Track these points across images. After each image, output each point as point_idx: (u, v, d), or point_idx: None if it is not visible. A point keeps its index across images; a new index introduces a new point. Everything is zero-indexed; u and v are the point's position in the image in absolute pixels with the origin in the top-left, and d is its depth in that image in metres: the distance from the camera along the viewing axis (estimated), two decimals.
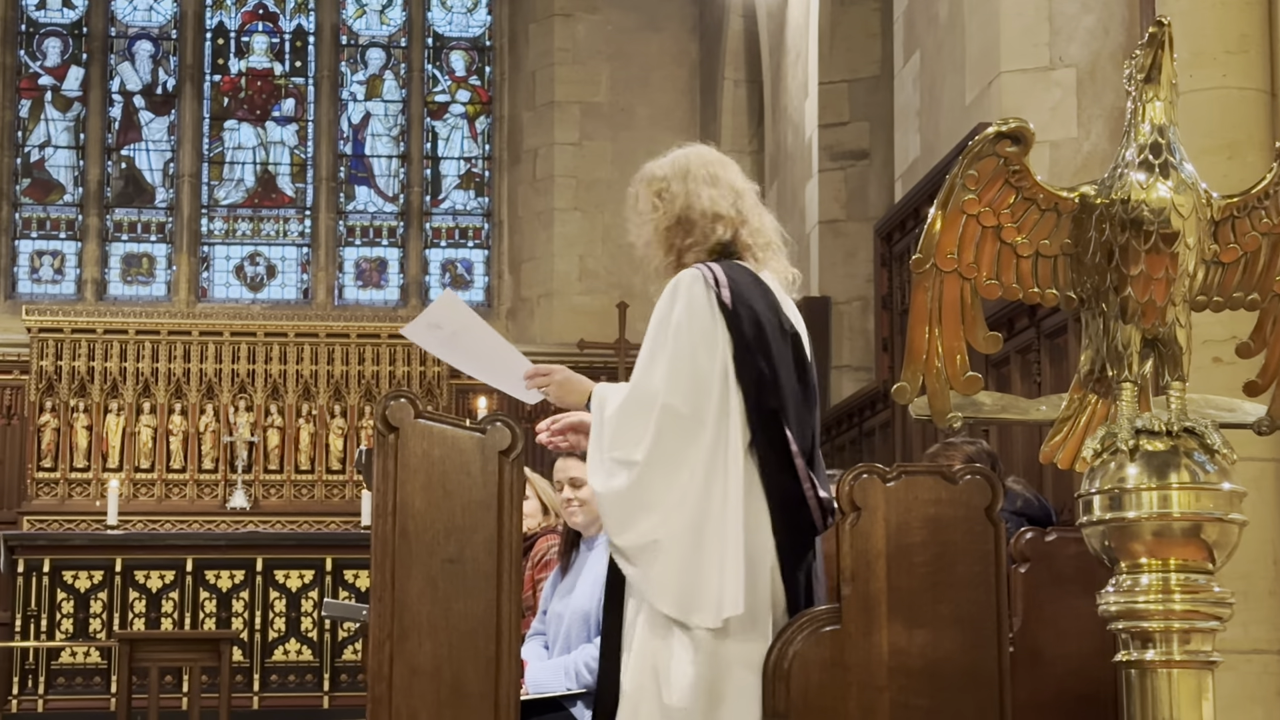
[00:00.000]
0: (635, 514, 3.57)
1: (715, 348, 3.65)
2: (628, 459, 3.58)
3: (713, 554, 3.54)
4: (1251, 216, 2.83)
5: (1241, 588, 4.78)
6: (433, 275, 14.68)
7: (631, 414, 3.61)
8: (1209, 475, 2.67)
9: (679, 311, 3.67)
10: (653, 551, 3.55)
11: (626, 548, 3.58)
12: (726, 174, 3.90)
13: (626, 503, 3.57)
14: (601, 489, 3.61)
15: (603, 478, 3.61)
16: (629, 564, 3.60)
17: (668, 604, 3.55)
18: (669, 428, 3.58)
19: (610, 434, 3.62)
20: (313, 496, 13.06)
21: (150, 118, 14.56)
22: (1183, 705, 2.67)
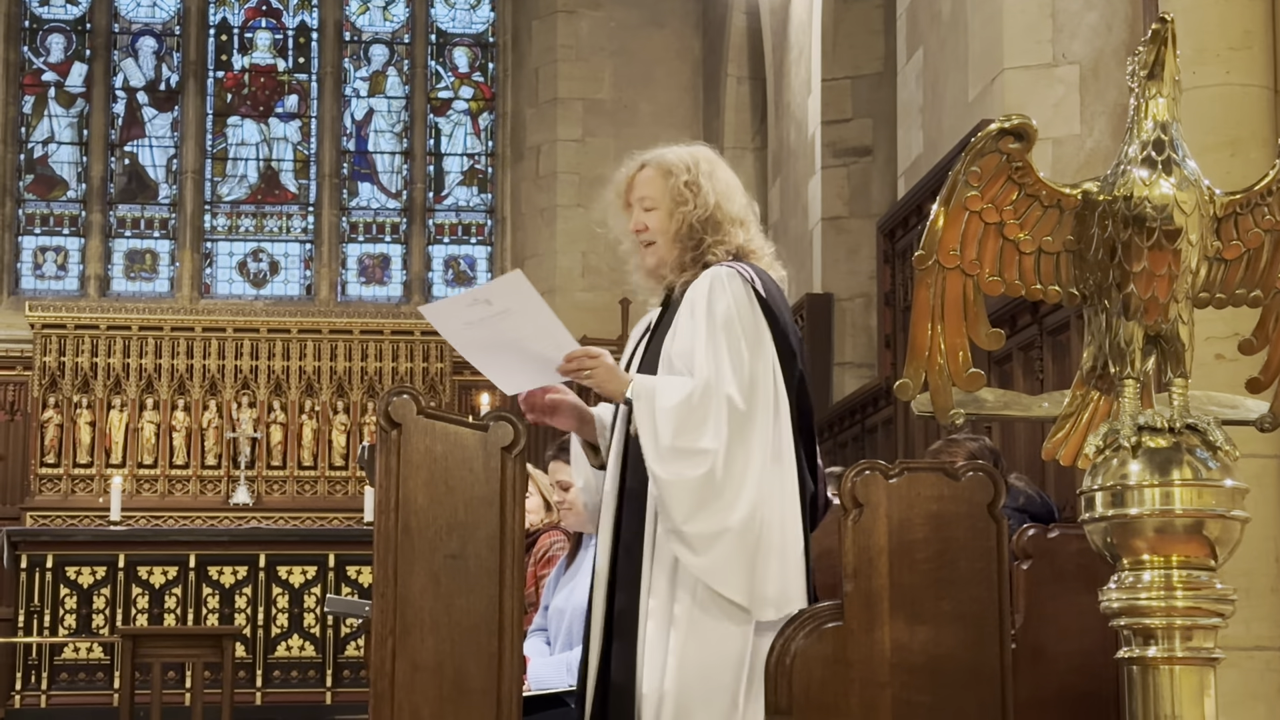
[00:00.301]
0: (706, 502, 3.61)
1: (763, 346, 3.73)
2: (696, 448, 3.62)
3: (774, 549, 3.62)
4: (1254, 213, 2.82)
5: (1243, 584, 4.77)
6: (435, 271, 14.69)
7: (696, 404, 3.65)
8: (1211, 472, 2.67)
9: (727, 306, 3.73)
10: (722, 540, 3.60)
11: (695, 535, 3.60)
12: (735, 178, 3.98)
13: (697, 491, 3.61)
14: (669, 477, 3.61)
15: (668, 466, 3.62)
16: (693, 553, 3.61)
17: (738, 592, 3.61)
18: (732, 420, 3.64)
19: (674, 424, 3.63)
20: (315, 492, 13.07)
21: (153, 114, 14.57)
22: (1185, 702, 2.67)
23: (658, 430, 3.64)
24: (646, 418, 3.65)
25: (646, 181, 3.90)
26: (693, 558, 3.62)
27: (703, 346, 3.70)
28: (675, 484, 3.61)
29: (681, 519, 3.61)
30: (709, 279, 3.78)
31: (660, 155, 3.93)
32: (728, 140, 13.39)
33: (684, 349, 3.75)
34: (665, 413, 3.64)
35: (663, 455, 3.63)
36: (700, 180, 3.87)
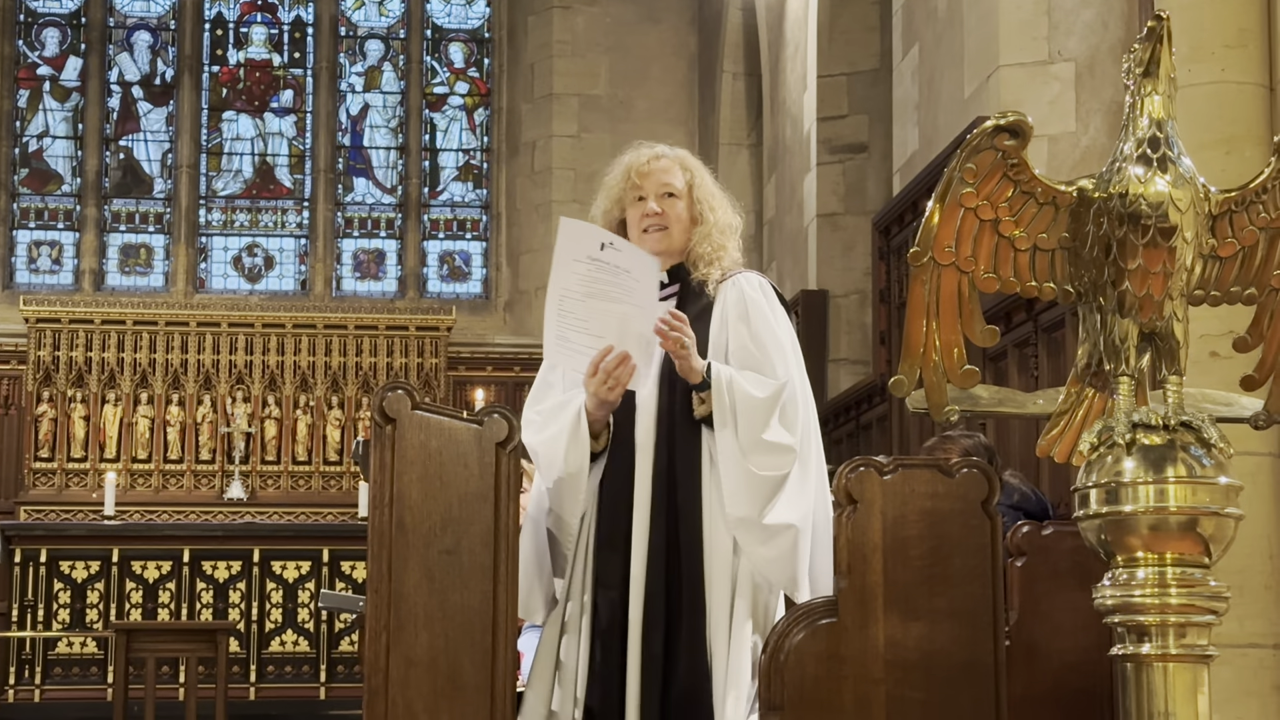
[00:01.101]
0: (780, 498, 3.75)
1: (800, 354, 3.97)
2: (783, 444, 3.78)
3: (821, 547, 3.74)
4: (1249, 211, 2.82)
5: (1237, 582, 4.78)
6: (430, 267, 14.69)
7: (784, 403, 3.81)
8: (1206, 470, 2.67)
9: (781, 312, 3.98)
10: (787, 534, 3.74)
11: (769, 526, 3.73)
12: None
13: (778, 486, 3.76)
14: (757, 469, 3.74)
15: (756, 458, 3.75)
16: (762, 544, 3.74)
17: (789, 585, 3.76)
18: (805, 423, 3.85)
19: (765, 418, 3.77)
20: (310, 488, 13.07)
21: (148, 108, 14.56)
22: (1178, 699, 2.67)
23: (747, 421, 3.76)
24: (730, 407, 3.77)
25: (666, 170, 4.01)
26: (759, 548, 3.75)
27: (773, 348, 3.88)
28: (761, 477, 3.74)
29: (760, 511, 3.73)
30: (755, 283, 3.97)
31: (676, 150, 4.07)
32: (723, 136, 13.39)
33: (743, 346, 3.89)
34: (758, 406, 3.77)
35: (749, 447, 3.75)
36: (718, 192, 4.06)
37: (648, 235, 3.96)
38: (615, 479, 3.88)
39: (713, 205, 4.00)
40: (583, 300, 3.83)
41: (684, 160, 4.03)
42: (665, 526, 3.81)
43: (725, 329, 3.92)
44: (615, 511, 3.87)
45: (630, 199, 4.00)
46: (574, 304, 3.85)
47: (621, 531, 3.84)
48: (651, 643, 3.77)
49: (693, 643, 3.76)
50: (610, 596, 3.82)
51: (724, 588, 3.79)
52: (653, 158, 4.01)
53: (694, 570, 3.80)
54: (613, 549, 3.85)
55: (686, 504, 3.82)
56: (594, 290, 3.82)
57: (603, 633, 3.83)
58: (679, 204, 3.97)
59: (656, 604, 3.79)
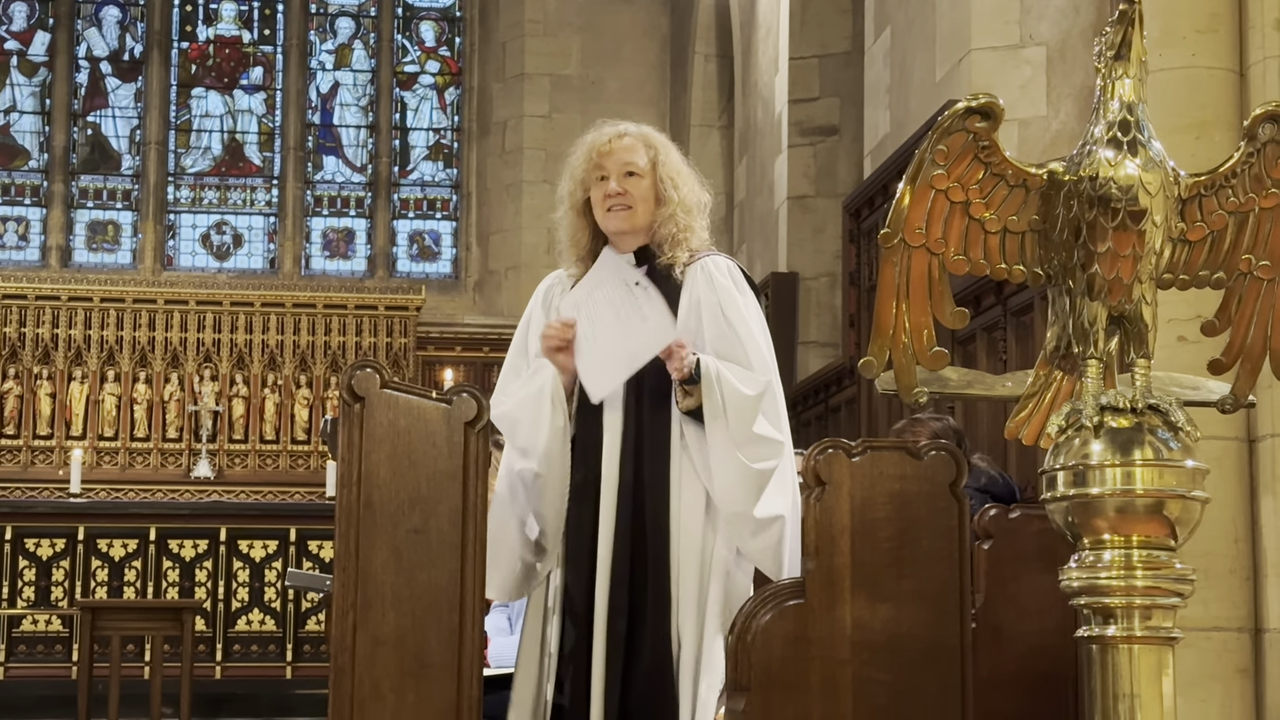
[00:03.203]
0: (771, 490, 3.78)
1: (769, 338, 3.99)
2: (773, 438, 3.82)
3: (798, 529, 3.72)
4: (1219, 195, 2.83)
5: (1203, 565, 4.81)
6: (400, 246, 14.65)
7: (769, 397, 3.84)
8: (1172, 453, 2.67)
9: (752, 301, 3.97)
10: (776, 525, 3.78)
11: (761, 519, 3.77)
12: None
13: (769, 478, 3.79)
14: (750, 463, 3.77)
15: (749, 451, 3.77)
16: (754, 536, 3.78)
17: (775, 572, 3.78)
18: (784, 413, 3.89)
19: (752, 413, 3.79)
20: (277, 467, 13.04)
21: (117, 84, 14.47)
22: (1143, 681, 2.67)
23: (737, 416, 3.77)
24: (720, 401, 3.77)
25: (629, 149, 3.96)
26: (751, 541, 3.79)
27: (749, 339, 3.89)
28: (753, 470, 3.77)
29: (752, 504, 3.76)
30: (724, 268, 3.94)
31: (641, 128, 4.03)
32: (695, 118, 13.38)
33: (721, 336, 3.88)
34: (746, 400, 3.79)
35: (741, 440, 3.77)
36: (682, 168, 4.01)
37: (612, 214, 3.93)
38: (584, 463, 3.87)
39: (678, 183, 3.95)
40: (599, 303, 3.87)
41: (648, 138, 3.98)
42: (632, 511, 3.81)
43: (694, 315, 3.89)
44: (584, 495, 3.87)
45: (593, 179, 3.96)
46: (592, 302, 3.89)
47: (590, 514, 3.84)
48: (616, 625, 3.77)
49: (657, 625, 3.77)
50: (579, 576, 3.83)
51: (693, 572, 3.79)
52: (615, 136, 3.97)
53: (660, 554, 3.80)
54: (580, 531, 3.85)
55: (654, 488, 3.82)
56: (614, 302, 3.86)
57: (572, 613, 3.84)
58: (643, 183, 3.92)
59: (621, 587, 3.79)
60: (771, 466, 3.80)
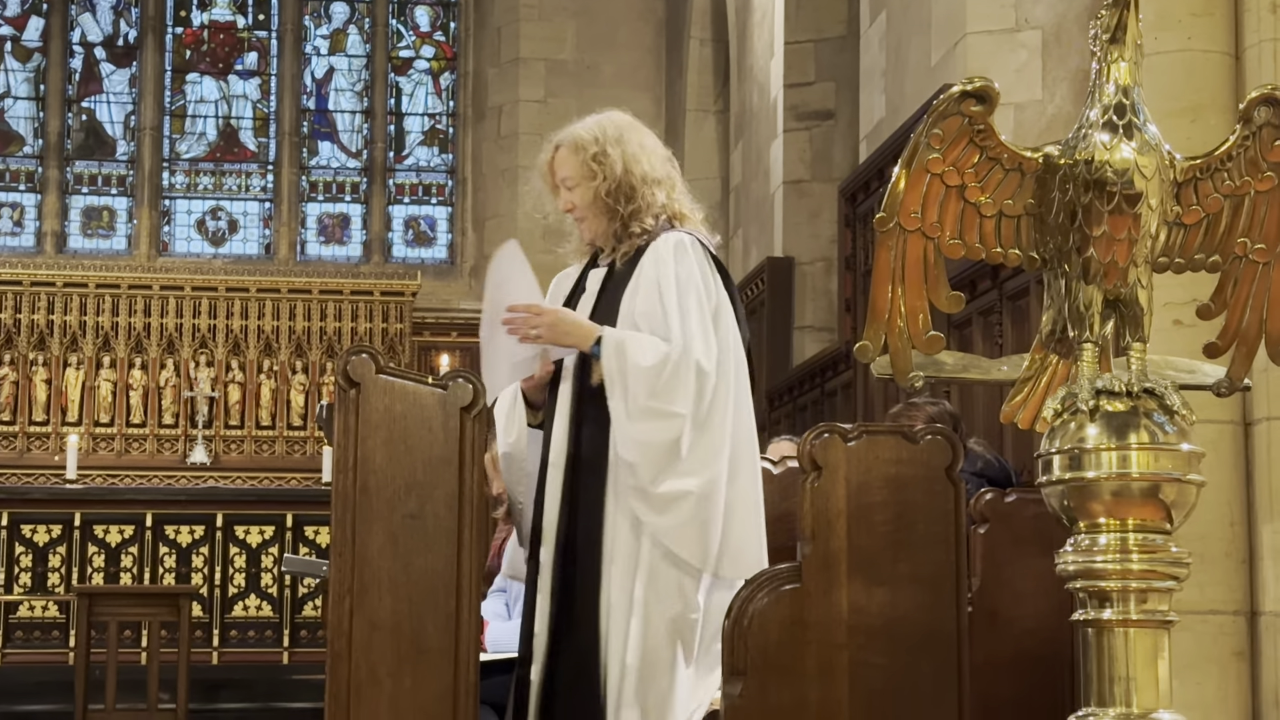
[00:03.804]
0: (674, 464, 3.67)
1: (725, 315, 3.82)
2: (670, 410, 3.68)
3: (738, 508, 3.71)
4: (1214, 178, 2.83)
5: (1198, 549, 4.81)
6: (395, 232, 14.64)
7: (672, 367, 3.70)
8: (1168, 436, 2.68)
9: (691, 273, 3.80)
10: (685, 502, 3.67)
11: (661, 495, 3.66)
12: (652, 140, 4.00)
13: (667, 452, 3.67)
14: (642, 436, 3.68)
15: (641, 425, 3.68)
16: (656, 513, 3.68)
17: (695, 554, 3.68)
18: (701, 384, 3.71)
19: (648, 384, 3.69)
20: (273, 452, 13.04)
21: (111, 69, 14.45)
22: (1139, 664, 2.68)
23: (632, 387, 3.68)
24: (618, 373, 3.70)
25: (563, 162, 3.95)
26: (655, 518, 3.68)
27: (674, 311, 3.75)
28: (647, 444, 3.67)
29: (649, 479, 3.67)
30: (670, 244, 3.82)
31: (570, 133, 3.97)
32: (690, 102, 13.36)
33: (649, 310, 3.78)
34: (642, 371, 3.69)
35: (635, 413, 3.68)
36: (607, 149, 3.90)
37: (578, 228, 3.99)
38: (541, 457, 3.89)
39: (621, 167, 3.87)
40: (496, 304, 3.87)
41: (577, 140, 3.92)
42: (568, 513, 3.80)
43: (636, 294, 3.84)
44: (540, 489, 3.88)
45: (555, 196, 4.00)
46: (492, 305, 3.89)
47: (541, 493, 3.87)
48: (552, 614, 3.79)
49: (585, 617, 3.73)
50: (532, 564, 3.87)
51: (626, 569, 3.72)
52: (552, 150, 3.97)
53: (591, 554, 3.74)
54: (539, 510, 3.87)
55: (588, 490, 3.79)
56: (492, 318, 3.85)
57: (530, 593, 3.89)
58: (578, 192, 3.91)
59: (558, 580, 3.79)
60: (668, 439, 3.67)
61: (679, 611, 3.69)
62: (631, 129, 3.97)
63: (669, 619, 3.68)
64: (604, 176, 3.87)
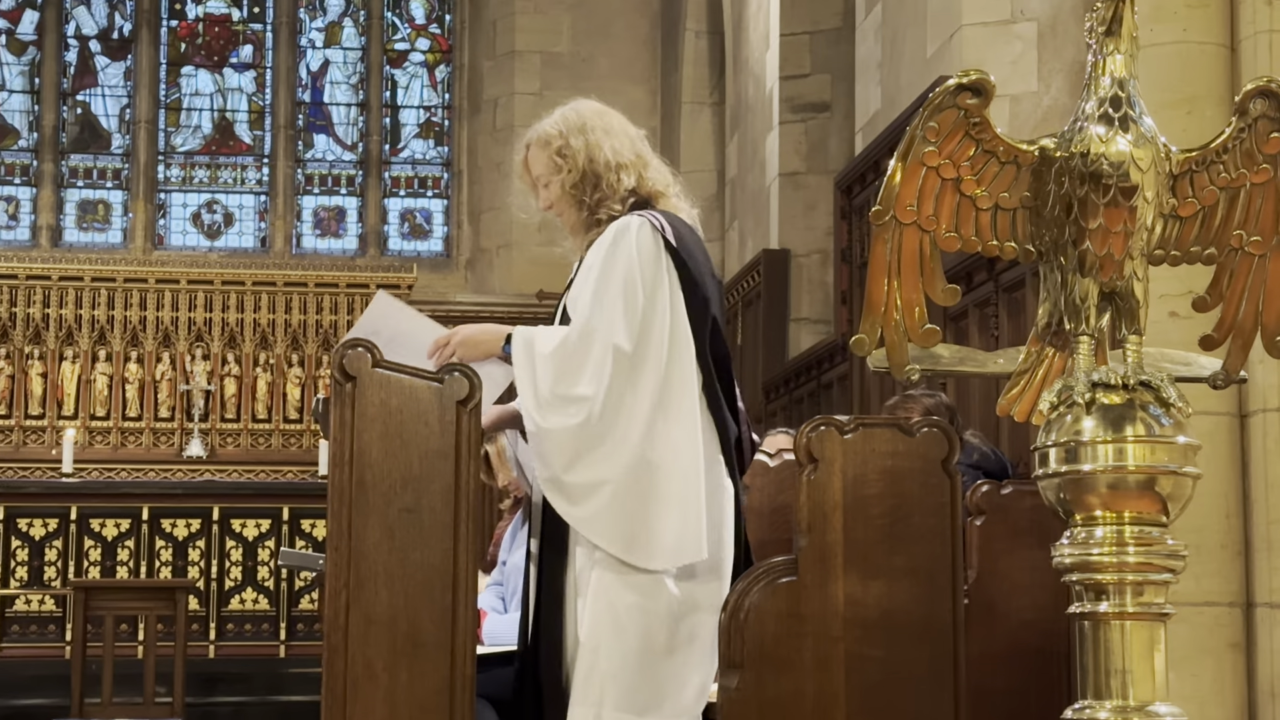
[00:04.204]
0: (583, 451, 3.55)
1: (662, 292, 3.66)
2: (575, 394, 3.56)
3: (668, 496, 3.55)
4: (1210, 171, 2.83)
5: (1194, 541, 4.82)
6: (391, 225, 14.63)
7: (574, 351, 3.60)
8: (1164, 429, 2.68)
9: (629, 255, 3.68)
10: (601, 491, 3.55)
11: (574, 484, 3.55)
12: (619, 122, 3.93)
13: (574, 440, 3.55)
14: (546, 425, 3.56)
15: (546, 414, 3.56)
16: (570, 503, 3.57)
17: (616, 545, 3.56)
18: (616, 366, 3.57)
19: (553, 370, 3.58)
20: (270, 445, 13.03)
21: (106, 63, 14.42)
22: (1135, 657, 2.68)
23: (536, 378, 3.59)
24: (525, 367, 3.60)
25: (533, 160, 3.92)
26: (570, 508, 3.58)
27: (589, 293, 3.67)
28: (553, 432, 3.55)
29: (561, 468, 3.56)
30: (614, 229, 3.75)
31: (536, 129, 3.93)
32: (686, 95, 13.35)
33: (578, 296, 3.73)
34: (543, 359, 3.59)
35: (541, 403, 3.57)
36: (570, 140, 3.85)
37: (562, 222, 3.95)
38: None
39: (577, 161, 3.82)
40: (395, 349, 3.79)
41: (542, 136, 3.89)
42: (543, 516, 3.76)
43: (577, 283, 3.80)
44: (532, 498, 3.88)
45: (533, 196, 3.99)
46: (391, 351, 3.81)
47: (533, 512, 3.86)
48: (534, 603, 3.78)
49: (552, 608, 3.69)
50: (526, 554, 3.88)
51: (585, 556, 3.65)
52: (523, 151, 3.95)
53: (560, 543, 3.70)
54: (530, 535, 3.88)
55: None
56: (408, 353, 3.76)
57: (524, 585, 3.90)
58: (549, 190, 3.88)
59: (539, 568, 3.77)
60: (573, 424, 3.54)
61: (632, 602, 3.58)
62: (596, 115, 3.90)
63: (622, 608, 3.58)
64: (569, 169, 3.82)
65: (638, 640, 3.57)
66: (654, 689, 3.57)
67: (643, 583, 3.58)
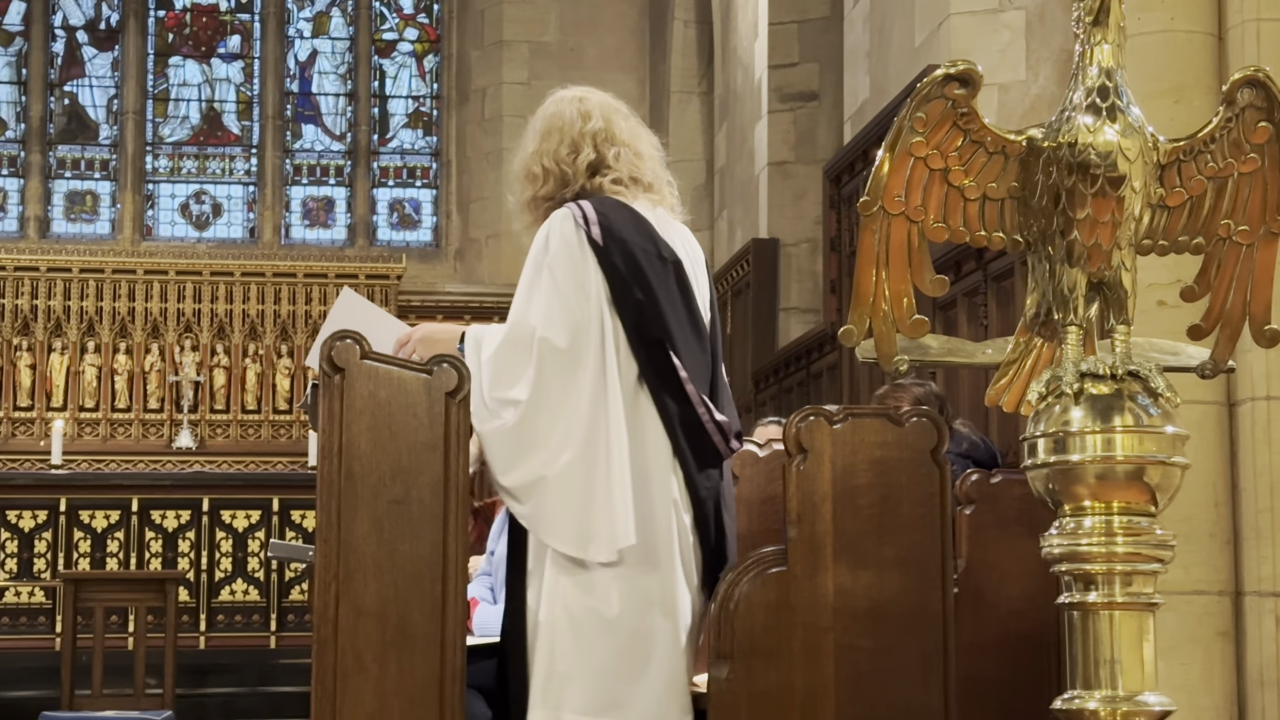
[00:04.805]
0: (521, 452, 3.54)
1: (588, 282, 3.63)
2: (509, 398, 3.55)
3: (601, 487, 3.53)
4: (1197, 160, 2.83)
5: (1183, 530, 4.83)
6: (380, 215, 14.61)
7: (510, 353, 3.59)
8: (1152, 419, 2.68)
9: (552, 249, 3.66)
10: (541, 489, 3.53)
11: (514, 487, 3.54)
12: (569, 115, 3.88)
13: (511, 442, 3.54)
14: (486, 429, 3.55)
15: (486, 418, 3.55)
16: (518, 503, 3.56)
17: (561, 540, 3.54)
18: (549, 364, 3.57)
19: (490, 375, 3.57)
20: (259, 437, 13.02)
21: (93, 53, 14.39)
22: (1124, 646, 2.69)
23: (480, 383, 3.58)
24: (474, 371, 3.58)
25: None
26: (518, 506, 3.57)
27: (523, 291, 3.66)
28: (493, 436, 3.55)
29: (500, 471, 3.55)
30: (544, 230, 3.73)
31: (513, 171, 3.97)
32: (674, 84, 13.34)
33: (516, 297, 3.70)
34: (486, 364, 3.59)
35: (484, 407, 3.56)
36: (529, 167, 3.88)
37: None
38: None
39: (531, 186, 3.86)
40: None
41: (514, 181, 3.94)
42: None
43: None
44: None
45: None
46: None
47: None
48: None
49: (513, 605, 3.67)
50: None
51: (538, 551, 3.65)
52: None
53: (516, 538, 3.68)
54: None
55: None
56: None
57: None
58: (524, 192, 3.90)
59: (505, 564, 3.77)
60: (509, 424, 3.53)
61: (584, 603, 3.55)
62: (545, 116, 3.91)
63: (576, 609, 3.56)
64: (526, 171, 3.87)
65: (592, 640, 3.54)
66: (612, 689, 3.54)
67: (592, 581, 3.55)
